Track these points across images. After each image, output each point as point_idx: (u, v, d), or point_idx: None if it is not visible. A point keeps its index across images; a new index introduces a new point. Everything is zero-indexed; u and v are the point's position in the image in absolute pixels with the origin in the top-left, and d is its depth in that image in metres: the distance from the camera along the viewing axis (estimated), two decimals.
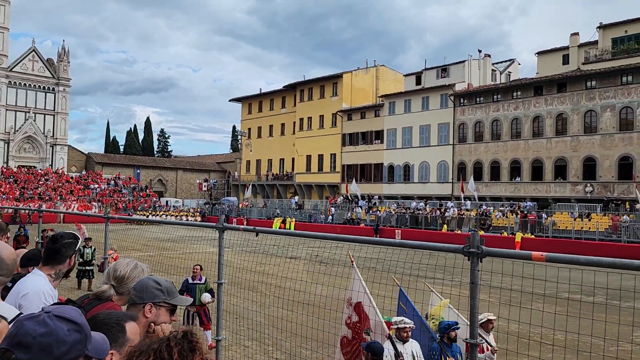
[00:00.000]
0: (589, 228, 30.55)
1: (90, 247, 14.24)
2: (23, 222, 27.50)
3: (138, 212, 48.89)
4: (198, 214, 53.45)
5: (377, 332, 5.29)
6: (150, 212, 51.07)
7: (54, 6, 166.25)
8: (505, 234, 32.58)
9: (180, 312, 9.09)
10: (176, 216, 50.22)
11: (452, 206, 37.82)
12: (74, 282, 14.08)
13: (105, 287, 2.53)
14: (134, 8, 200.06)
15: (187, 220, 47.14)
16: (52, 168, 58.00)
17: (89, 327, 1.47)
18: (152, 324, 2.21)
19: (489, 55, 46.50)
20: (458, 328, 5.37)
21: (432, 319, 5.73)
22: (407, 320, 5.26)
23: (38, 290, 2.68)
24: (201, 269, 9.42)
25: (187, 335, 1.56)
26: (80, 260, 13.72)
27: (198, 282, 9.16)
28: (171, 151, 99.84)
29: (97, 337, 1.58)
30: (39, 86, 59.00)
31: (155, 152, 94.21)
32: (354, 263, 5.69)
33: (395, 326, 5.19)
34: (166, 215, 49.72)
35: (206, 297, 8.93)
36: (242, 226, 4.98)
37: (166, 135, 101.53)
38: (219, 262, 4.92)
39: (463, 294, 3.79)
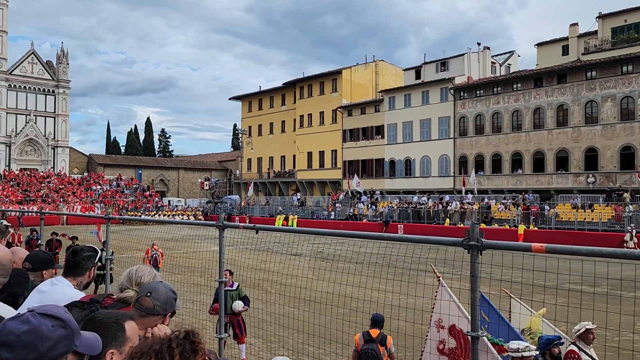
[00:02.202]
0: (592, 219, 30.52)
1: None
2: (12, 225, 27.13)
3: (129, 213, 48.38)
4: (200, 212, 53.52)
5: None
6: (141, 212, 50.65)
7: (50, 8, 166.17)
8: (507, 226, 32.58)
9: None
10: (169, 215, 49.37)
11: (451, 200, 37.82)
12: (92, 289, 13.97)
13: (132, 294, 2.51)
14: (131, 8, 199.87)
15: (179, 218, 46.76)
16: (53, 170, 58.11)
17: (76, 324, 1.48)
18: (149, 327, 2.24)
19: (488, 48, 46.38)
20: (562, 343, 4.62)
21: (530, 333, 4.76)
22: (531, 346, 4.37)
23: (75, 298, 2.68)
24: (231, 273, 8.49)
25: (189, 336, 1.54)
26: (99, 264, 13.43)
27: (229, 289, 8.26)
28: (172, 151, 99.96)
29: (89, 335, 1.60)
30: (39, 88, 59.06)
31: (156, 152, 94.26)
32: (440, 279, 4.83)
33: (519, 354, 4.21)
34: (159, 215, 48.87)
35: (237, 305, 8.09)
36: (242, 224, 4.99)
37: (167, 135, 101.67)
38: (219, 260, 4.94)
39: (464, 287, 3.81)
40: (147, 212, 50.18)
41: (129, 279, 2.60)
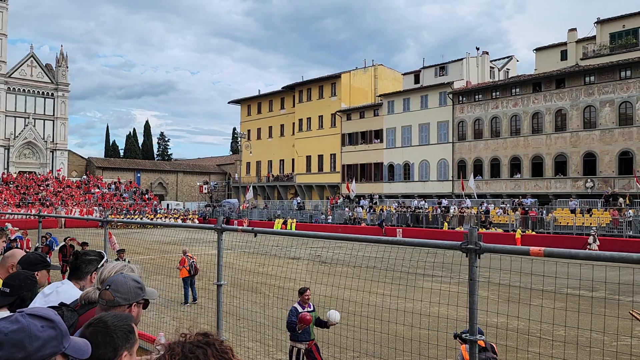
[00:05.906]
0: (590, 224, 30.51)
1: (124, 259, 12.73)
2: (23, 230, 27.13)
3: (116, 216, 47.73)
4: (197, 216, 53.35)
5: None
6: (123, 214, 49.92)
7: (50, 12, 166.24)
8: (500, 230, 32.59)
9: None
10: (151, 218, 48.50)
11: (449, 204, 37.81)
12: None
13: (92, 290, 2.53)
14: (130, 12, 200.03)
15: (167, 221, 46.08)
16: (52, 173, 58.05)
17: (65, 326, 1.49)
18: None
19: (487, 53, 46.54)
20: None
21: None
22: None
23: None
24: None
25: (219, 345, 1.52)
26: None
27: (309, 309, 7.24)
28: (171, 154, 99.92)
29: (79, 340, 1.61)
30: (38, 92, 59.07)
31: (155, 156, 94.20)
32: None
33: None
34: (140, 218, 47.61)
35: (335, 315, 6.95)
36: (240, 227, 4.98)
37: (166, 139, 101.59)
38: (218, 263, 4.94)
39: (463, 290, 3.80)
40: (128, 215, 49.24)
41: (97, 279, 2.61)
